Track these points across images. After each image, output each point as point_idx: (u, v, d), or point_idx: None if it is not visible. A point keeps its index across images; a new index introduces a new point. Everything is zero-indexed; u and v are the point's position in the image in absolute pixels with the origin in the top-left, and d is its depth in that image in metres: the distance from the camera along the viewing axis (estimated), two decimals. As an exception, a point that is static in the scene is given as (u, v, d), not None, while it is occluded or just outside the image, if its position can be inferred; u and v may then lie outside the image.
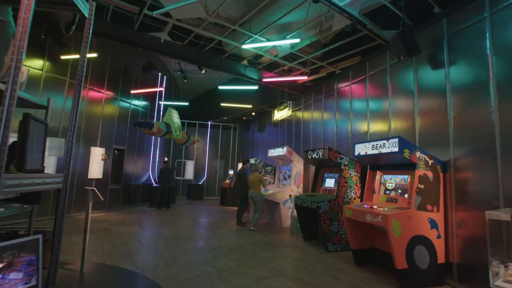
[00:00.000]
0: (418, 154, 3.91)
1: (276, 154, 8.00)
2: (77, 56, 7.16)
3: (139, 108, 10.06)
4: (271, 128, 11.11)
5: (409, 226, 3.66)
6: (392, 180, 4.43)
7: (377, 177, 4.71)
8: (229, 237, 6.03)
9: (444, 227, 3.88)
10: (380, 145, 4.16)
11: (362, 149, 4.57)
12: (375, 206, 4.13)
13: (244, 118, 13.04)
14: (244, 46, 5.74)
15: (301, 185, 7.71)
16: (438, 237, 3.82)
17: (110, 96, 8.69)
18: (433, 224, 3.81)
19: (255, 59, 6.61)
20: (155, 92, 11.20)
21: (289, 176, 7.78)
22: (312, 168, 7.59)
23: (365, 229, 4.51)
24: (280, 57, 6.52)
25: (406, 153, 3.85)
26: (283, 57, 6.73)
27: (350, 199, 5.49)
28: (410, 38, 4.29)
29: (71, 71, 7.35)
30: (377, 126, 5.61)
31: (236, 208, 9.06)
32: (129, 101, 9.52)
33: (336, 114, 6.95)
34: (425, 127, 4.47)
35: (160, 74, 11.28)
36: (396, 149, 3.85)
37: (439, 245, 3.80)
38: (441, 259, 3.78)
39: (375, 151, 4.25)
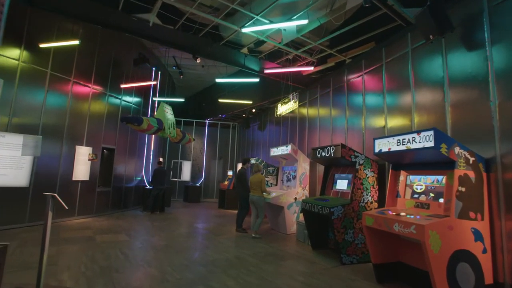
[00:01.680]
0: (457, 150, 3.22)
1: (280, 153, 7.31)
2: (61, 43, 6.50)
3: (130, 104, 9.35)
4: (273, 126, 10.42)
5: (450, 239, 2.96)
6: (422, 182, 3.73)
7: (401, 177, 4.02)
8: (228, 246, 5.32)
9: (491, 239, 3.19)
10: (409, 139, 3.46)
11: (384, 145, 3.88)
12: (402, 213, 3.44)
13: (244, 115, 12.35)
14: (244, 30, 5.05)
15: (307, 187, 7.02)
16: (484, 251, 3.13)
17: (98, 91, 7.97)
18: (478, 236, 3.11)
19: (256, 46, 5.92)
20: (149, 87, 10.48)
21: (294, 177, 7.09)
22: (320, 168, 6.91)
23: (388, 240, 3.82)
24: (284, 43, 5.82)
25: (443, 148, 3.16)
26: (287, 44, 6.04)
27: (366, 203, 4.80)
28: (442, 12, 3.61)
29: (53, 62, 6.64)
30: (397, 121, 4.92)
31: (235, 212, 8.36)
32: (120, 96, 8.80)
33: (346, 108, 6.26)
34: (460, 119, 3.78)
35: (154, 69, 10.59)
36: (431, 144, 3.15)
37: (485, 262, 3.11)
38: (488, 279, 3.09)
39: (402, 147, 3.56)
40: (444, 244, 2.92)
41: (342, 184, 5.28)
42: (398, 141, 3.63)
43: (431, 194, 3.55)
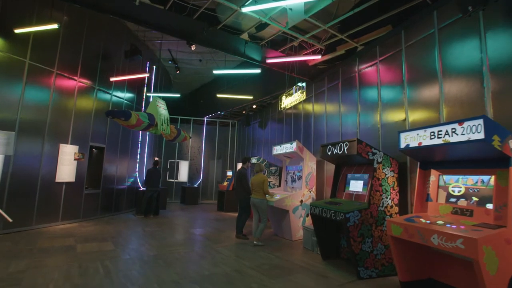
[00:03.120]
0: (512, 143, 2.59)
1: (283, 151, 6.67)
2: (37, 28, 5.84)
3: (122, 100, 8.70)
4: (275, 123, 9.78)
5: (509, 256, 2.33)
6: (460, 183, 3.09)
7: (433, 178, 3.38)
8: (226, 257, 4.68)
9: (556, 255, 2.55)
10: (447, 131, 2.83)
11: (412, 138, 3.24)
12: (439, 222, 2.80)
13: (244, 112, 11.71)
14: (244, 9, 4.41)
15: (314, 189, 6.37)
16: (549, 271, 2.49)
17: (85, 84, 7.32)
18: (541, 251, 2.48)
19: (257, 31, 5.29)
20: (142, 82, 9.85)
21: (299, 178, 6.44)
22: (328, 168, 6.29)
23: (418, 253, 3.19)
24: (290, 27, 5.18)
25: (496, 141, 2.52)
26: (292, 30, 5.40)
27: (386, 207, 4.16)
28: (485, -22, 2.99)
29: (32, 51, 5.99)
30: (420, 113, 4.28)
31: (235, 215, 7.74)
32: (110, 91, 8.15)
33: (358, 101, 5.63)
34: (506, 108, 3.15)
35: (148, 63, 9.95)
36: (480, 136, 2.51)
37: (551, 284, 2.48)
38: (555, 306, 2.45)
39: (437, 141, 2.93)
40: (502, 263, 2.29)
41: (356, 186, 4.64)
42: (432, 133, 3.00)
43: (474, 198, 2.91)
